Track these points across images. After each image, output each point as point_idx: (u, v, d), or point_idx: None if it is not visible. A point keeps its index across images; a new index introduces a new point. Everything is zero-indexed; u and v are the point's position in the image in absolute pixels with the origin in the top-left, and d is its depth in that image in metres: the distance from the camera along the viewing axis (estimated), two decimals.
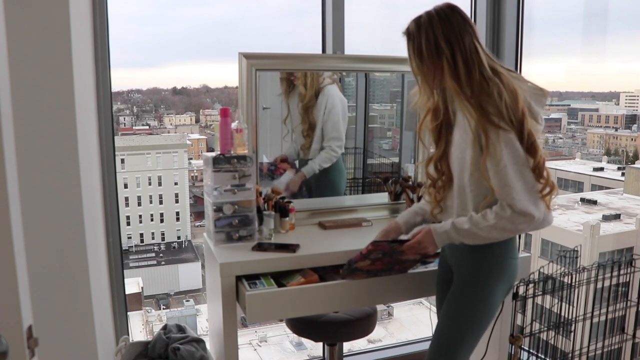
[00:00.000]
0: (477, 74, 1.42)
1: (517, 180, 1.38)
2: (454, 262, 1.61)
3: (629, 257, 2.52)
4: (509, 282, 1.54)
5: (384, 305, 8.91)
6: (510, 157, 1.38)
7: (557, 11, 12.86)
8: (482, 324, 1.53)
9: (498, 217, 1.40)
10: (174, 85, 16.58)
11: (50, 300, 1.62)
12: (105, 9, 2.06)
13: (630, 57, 17.87)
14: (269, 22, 21.39)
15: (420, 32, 1.46)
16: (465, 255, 1.55)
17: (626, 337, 2.60)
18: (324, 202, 2.33)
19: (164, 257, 13.41)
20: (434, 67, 1.46)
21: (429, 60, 1.46)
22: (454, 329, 1.54)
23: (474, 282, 1.52)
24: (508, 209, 1.39)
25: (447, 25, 1.43)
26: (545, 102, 1.49)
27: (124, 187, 12.62)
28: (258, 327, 8.08)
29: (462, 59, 1.42)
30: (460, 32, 1.43)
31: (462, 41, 1.43)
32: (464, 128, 1.45)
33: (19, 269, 0.85)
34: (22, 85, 1.47)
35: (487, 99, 1.39)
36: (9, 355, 0.82)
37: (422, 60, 1.47)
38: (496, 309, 1.55)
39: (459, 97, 1.44)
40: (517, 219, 1.39)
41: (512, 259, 1.53)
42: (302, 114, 2.28)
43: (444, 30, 1.43)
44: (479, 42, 1.45)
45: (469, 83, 1.42)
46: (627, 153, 14.28)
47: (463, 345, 1.53)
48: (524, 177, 1.39)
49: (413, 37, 1.47)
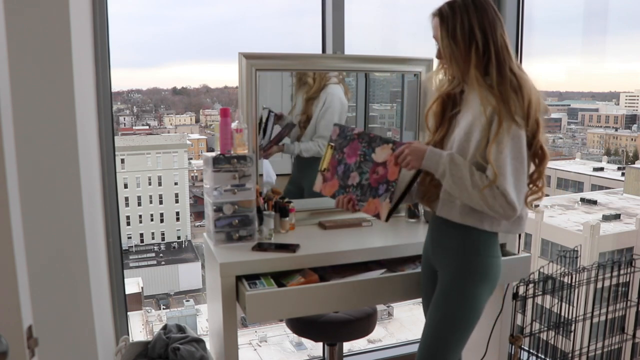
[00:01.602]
0: (507, 69, 1.43)
1: (511, 174, 1.39)
2: (438, 262, 1.61)
3: (629, 257, 2.53)
4: (493, 281, 1.54)
5: (384, 305, 8.91)
6: (512, 150, 1.39)
7: (557, 11, 12.88)
8: (469, 325, 1.52)
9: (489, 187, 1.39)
10: (174, 85, 16.61)
11: (50, 300, 1.62)
12: (105, 9, 2.06)
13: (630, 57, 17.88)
14: (269, 22, 21.41)
15: (455, 15, 1.45)
16: (448, 255, 1.55)
17: (626, 337, 2.60)
18: (324, 202, 2.32)
19: (164, 257, 13.42)
20: (465, 53, 1.45)
21: (462, 44, 1.45)
22: (441, 330, 1.53)
23: (458, 282, 1.52)
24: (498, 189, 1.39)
25: (483, 14, 1.43)
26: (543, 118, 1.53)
27: (124, 187, 12.64)
28: (258, 327, 8.09)
29: (495, 51, 1.43)
30: (493, 24, 1.44)
31: (495, 34, 1.44)
32: (474, 114, 1.45)
33: (19, 269, 0.85)
34: (22, 85, 1.47)
35: (514, 96, 1.40)
36: (9, 355, 0.82)
37: (456, 43, 1.45)
38: (481, 308, 1.54)
39: (480, 87, 1.43)
40: (500, 200, 1.38)
41: (495, 257, 1.53)
42: (304, 106, 2.29)
43: (479, 18, 1.43)
44: (507, 38, 1.46)
45: (500, 77, 1.42)
46: (627, 153, 14.29)
47: (450, 346, 1.53)
48: (518, 174, 1.40)
49: (447, 18, 1.46)
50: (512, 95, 1.40)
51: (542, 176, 1.49)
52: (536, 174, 1.50)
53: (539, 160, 1.49)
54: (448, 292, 1.53)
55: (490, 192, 1.38)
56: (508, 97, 1.40)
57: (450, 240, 1.54)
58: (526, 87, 1.41)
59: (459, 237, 1.52)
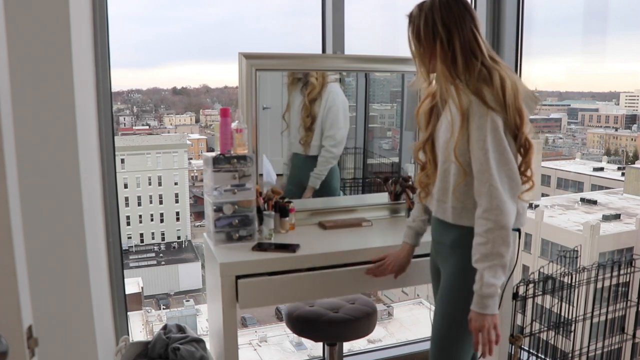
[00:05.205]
0: (477, 62, 1.44)
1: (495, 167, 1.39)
2: (439, 261, 1.62)
3: (629, 257, 2.53)
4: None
5: (384, 305, 8.91)
6: (492, 143, 1.39)
7: (557, 11, 12.88)
8: None
9: (487, 234, 1.39)
10: (174, 85, 16.61)
11: (50, 300, 1.62)
12: (105, 9, 2.06)
13: (630, 57, 17.89)
14: (268, 22, 21.42)
15: (420, 15, 1.49)
16: (447, 255, 1.56)
17: (626, 337, 2.60)
18: (324, 202, 2.33)
19: (164, 257, 13.42)
20: (430, 51, 1.49)
21: (425, 43, 1.49)
22: (444, 329, 1.54)
23: (457, 281, 1.52)
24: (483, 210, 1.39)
25: (446, 11, 1.45)
26: (534, 109, 1.53)
27: (124, 187, 12.63)
28: (258, 327, 8.09)
29: (460, 45, 1.44)
30: (459, 19, 1.45)
31: (461, 28, 1.45)
32: (453, 112, 1.46)
33: (19, 269, 0.85)
34: (22, 85, 1.47)
35: (486, 87, 1.41)
36: (9, 355, 0.82)
37: (419, 42, 1.50)
38: None
39: (447, 82, 1.46)
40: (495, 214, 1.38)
41: None
42: (308, 107, 2.29)
43: (442, 15, 1.45)
44: (478, 32, 1.47)
45: (467, 70, 1.44)
46: (627, 153, 14.29)
47: (457, 343, 1.53)
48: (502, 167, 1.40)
49: (414, 19, 1.51)
50: (483, 86, 1.41)
51: (530, 166, 1.49)
52: (524, 165, 1.49)
53: (524, 151, 1.47)
54: (448, 291, 1.55)
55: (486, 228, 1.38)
56: (479, 89, 1.40)
57: (448, 240, 1.55)
58: (497, 77, 1.41)
59: (456, 236, 1.52)
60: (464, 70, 1.44)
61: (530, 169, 1.50)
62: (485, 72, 1.43)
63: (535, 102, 1.51)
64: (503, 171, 1.40)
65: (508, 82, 1.42)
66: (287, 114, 2.30)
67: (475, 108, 1.40)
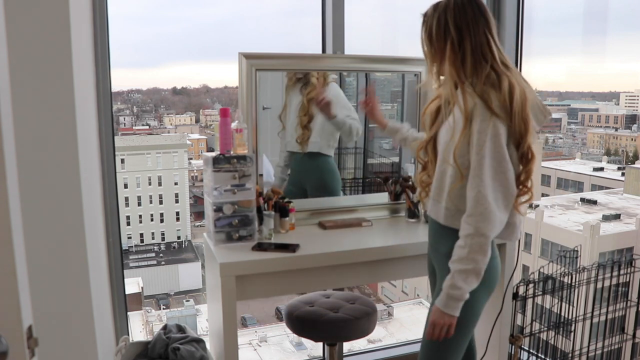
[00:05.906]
0: (487, 65, 1.43)
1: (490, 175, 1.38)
2: (435, 264, 1.62)
3: (629, 257, 2.53)
4: (488, 282, 1.50)
5: (384, 305, 8.92)
6: (490, 150, 1.38)
7: (557, 11, 12.87)
8: (463, 327, 1.50)
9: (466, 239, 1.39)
10: (174, 85, 16.60)
11: (50, 300, 1.62)
12: (105, 9, 2.06)
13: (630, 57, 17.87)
14: (268, 22, 21.39)
15: (433, 15, 1.48)
16: (442, 259, 1.53)
17: (626, 337, 2.60)
18: (324, 202, 2.33)
19: (164, 257, 13.41)
20: (440, 51, 1.48)
21: (437, 44, 1.48)
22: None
23: None
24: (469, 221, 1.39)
25: (460, 12, 1.44)
26: (543, 122, 1.51)
27: (124, 187, 12.63)
28: (258, 327, 8.09)
29: (471, 48, 1.43)
30: (472, 22, 1.44)
31: (474, 31, 1.44)
32: (456, 114, 1.45)
33: (19, 269, 0.85)
34: (22, 85, 1.47)
35: (493, 92, 1.39)
36: (9, 355, 0.82)
37: (431, 42, 1.49)
38: (479, 311, 1.53)
39: (453, 83, 1.46)
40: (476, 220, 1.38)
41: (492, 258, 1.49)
42: (306, 105, 2.28)
43: (455, 16, 1.44)
44: (492, 36, 1.46)
45: (475, 72, 1.43)
46: (627, 153, 14.29)
47: (448, 348, 1.52)
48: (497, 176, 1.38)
49: (427, 19, 1.50)
50: (490, 90, 1.39)
51: (530, 177, 1.47)
52: (524, 175, 1.47)
53: (526, 161, 1.45)
54: None
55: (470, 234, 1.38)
56: (486, 92, 1.39)
57: (442, 243, 1.54)
58: (506, 83, 1.39)
59: (449, 239, 1.49)
60: (471, 73, 1.43)
61: (530, 180, 1.47)
62: (494, 76, 1.41)
63: (545, 115, 1.49)
64: (498, 180, 1.38)
65: (517, 89, 1.40)
66: (283, 114, 2.29)
67: (479, 111, 1.39)
